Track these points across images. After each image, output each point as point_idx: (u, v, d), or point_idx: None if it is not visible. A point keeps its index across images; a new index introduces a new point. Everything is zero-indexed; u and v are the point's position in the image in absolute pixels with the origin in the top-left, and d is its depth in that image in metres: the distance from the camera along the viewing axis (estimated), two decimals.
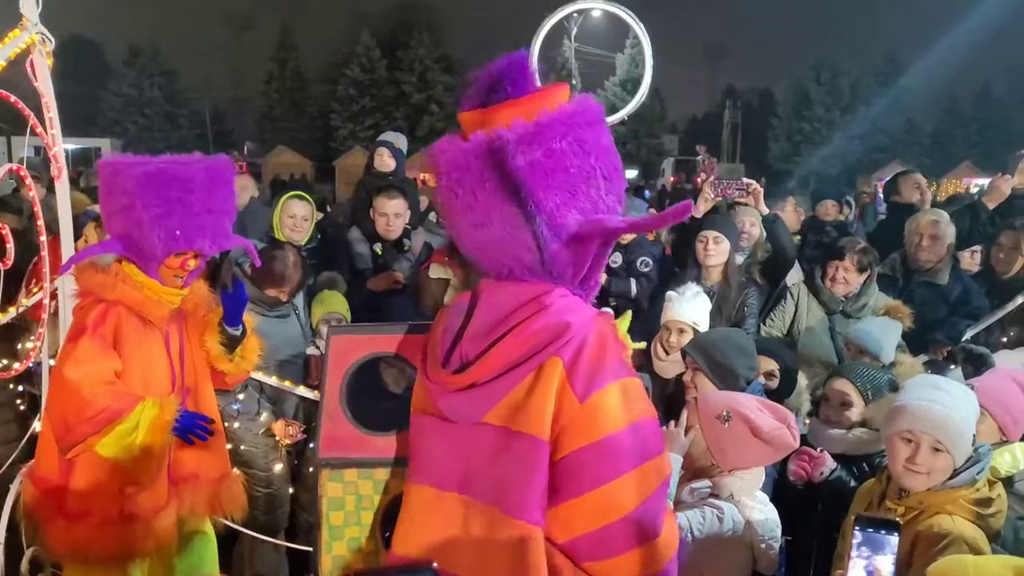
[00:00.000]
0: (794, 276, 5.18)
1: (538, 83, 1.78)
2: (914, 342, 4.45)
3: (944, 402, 2.47)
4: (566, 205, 1.69)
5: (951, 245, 5.10)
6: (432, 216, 6.95)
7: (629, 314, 3.30)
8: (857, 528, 1.66)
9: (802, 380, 3.81)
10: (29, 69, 3.16)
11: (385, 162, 6.33)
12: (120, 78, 51.65)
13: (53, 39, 3.21)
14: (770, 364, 3.73)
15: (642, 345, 4.01)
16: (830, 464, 2.97)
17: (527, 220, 1.67)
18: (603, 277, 5.35)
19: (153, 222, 2.79)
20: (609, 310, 2.00)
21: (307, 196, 5.41)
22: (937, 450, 2.45)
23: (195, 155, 3.00)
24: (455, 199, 1.73)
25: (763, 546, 2.67)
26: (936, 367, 4.11)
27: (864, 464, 3.17)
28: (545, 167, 1.66)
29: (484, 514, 1.79)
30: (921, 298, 4.88)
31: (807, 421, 3.48)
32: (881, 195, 7.71)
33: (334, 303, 4.52)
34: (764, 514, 2.64)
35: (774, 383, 3.69)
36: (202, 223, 2.87)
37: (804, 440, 2.87)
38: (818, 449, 3.15)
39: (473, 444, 1.79)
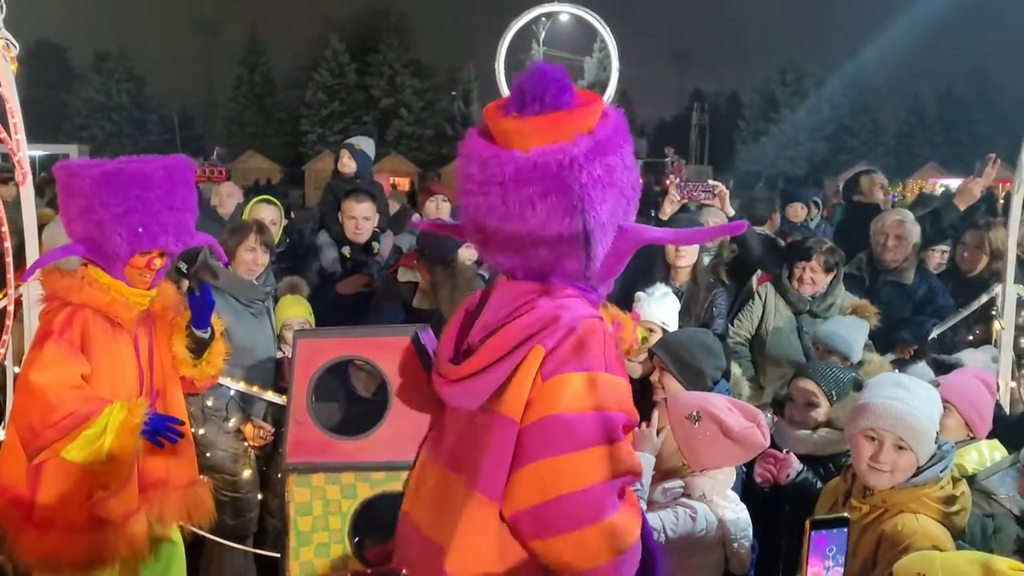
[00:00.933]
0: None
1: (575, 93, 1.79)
2: (880, 341, 4.52)
3: (906, 400, 2.50)
4: (612, 218, 1.76)
5: (916, 244, 5.17)
6: (415, 218, 6.93)
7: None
8: (812, 532, 1.79)
9: (736, 369, 3.83)
10: None
11: (346, 164, 6.34)
12: (87, 83, 51.01)
13: (17, 44, 3.18)
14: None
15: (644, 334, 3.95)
16: (796, 466, 2.99)
17: (584, 234, 1.71)
18: None
19: (114, 221, 2.77)
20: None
21: (275, 200, 5.39)
22: (900, 448, 2.48)
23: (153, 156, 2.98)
24: (504, 207, 1.73)
25: (735, 545, 2.68)
26: (903, 366, 4.16)
27: (830, 464, 3.19)
28: (603, 182, 1.72)
29: (457, 483, 1.87)
30: (887, 297, 4.94)
31: (774, 420, 3.50)
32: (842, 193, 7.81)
33: (296, 308, 4.50)
34: (736, 513, 2.66)
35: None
36: (164, 220, 2.85)
37: (771, 442, 2.89)
38: (784, 451, 3.18)
39: (473, 431, 1.86)
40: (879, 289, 5.06)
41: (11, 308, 3.22)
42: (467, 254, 5.15)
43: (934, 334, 4.81)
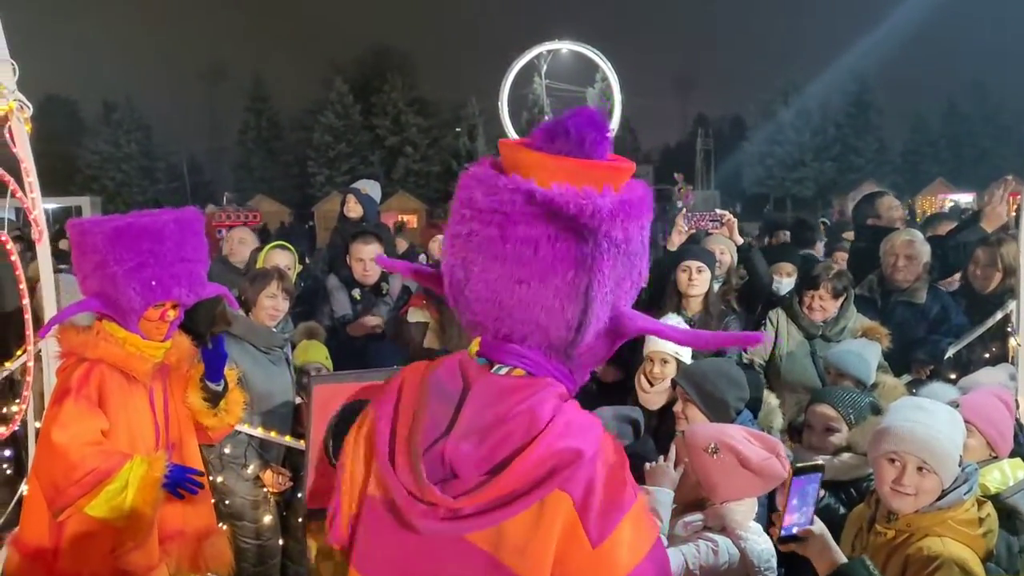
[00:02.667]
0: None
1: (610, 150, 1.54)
2: (895, 362, 4.49)
3: (928, 422, 2.49)
4: (612, 293, 1.53)
5: (927, 264, 5.16)
6: (422, 258, 6.99)
7: None
8: (795, 476, 2.15)
9: (772, 399, 3.78)
10: (8, 136, 3.19)
11: (352, 208, 6.40)
12: (96, 135, 51.67)
13: (31, 105, 3.25)
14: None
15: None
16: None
17: (584, 297, 1.48)
18: None
19: (127, 275, 2.81)
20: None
21: (289, 246, 5.44)
22: (923, 470, 2.46)
23: (163, 209, 3.04)
24: (503, 242, 1.48)
25: None
26: (919, 386, 4.14)
27: (852, 489, 3.18)
28: (618, 249, 1.49)
29: None
30: (900, 318, 4.92)
31: (791, 446, 3.48)
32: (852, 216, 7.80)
33: (314, 352, 4.52)
34: (759, 545, 2.63)
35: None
36: (176, 272, 2.90)
37: None
38: None
39: (448, 559, 1.51)
40: (892, 310, 5.04)
41: (31, 364, 3.25)
42: None
43: (949, 353, 4.78)
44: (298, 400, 4.33)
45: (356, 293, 5.19)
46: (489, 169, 1.54)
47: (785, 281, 5.59)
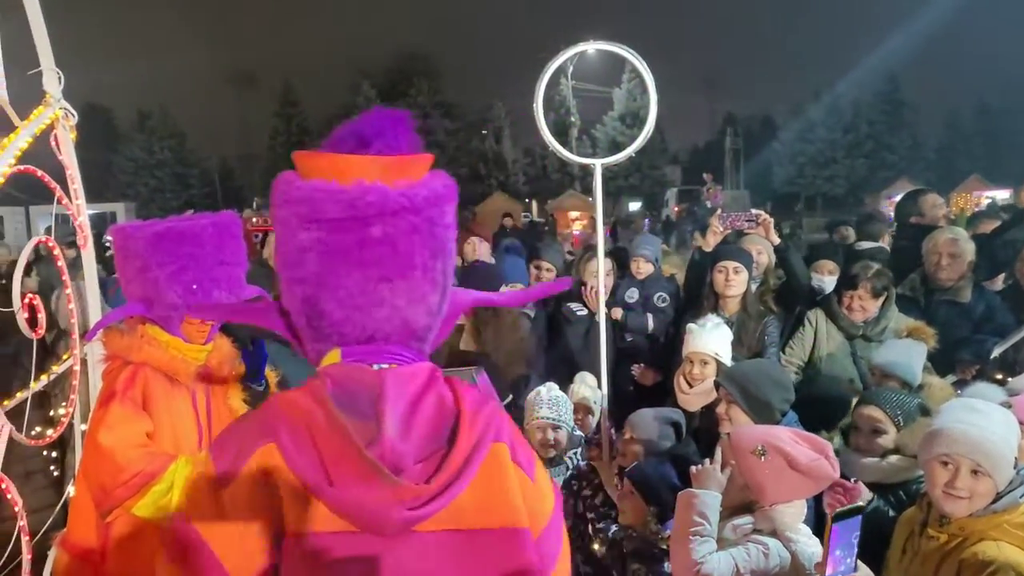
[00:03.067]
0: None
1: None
2: (940, 362, 4.42)
3: (982, 424, 2.44)
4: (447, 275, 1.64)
5: (971, 262, 5.07)
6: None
7: None
8: (835, 524, 2.13)
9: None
10: (53, 143, 3.23)
11: None
12: (130, 142, 52.48)
13: (76, 113, 3.29)
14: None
15: None
16: (866, 495, 2.93)
17: (442, 280, 1.60)
18: (619, 313, 5.44)
19: (169, 279, 2.84)
20: None
21: None
22: (978, 473, 2.41)
23: (201, 213, 3.06)
24: (358, 249, 1.51)
25: None
26: (964, 387, 4.07)
27: (901, 492, 3.13)
28: (447, 230, 1.61)
29: None
30: (944, 317, 4.85)
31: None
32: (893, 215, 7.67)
33: None
34: (810, 547, 2.60)
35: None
36: (216, 276, 2.92)
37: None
38: (852, 479, 3.11)
39: (407, 558, 1.47)
40: (935, 309, 4.96)
41: (77, 368, 3.30)
42: None
43: (995, 353, 4.69)
44: None
45: None
46: (320, 183, 1.53)
47: (827, 279, 5.53)
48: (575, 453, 3.95)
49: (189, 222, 2.94)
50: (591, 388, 4.47)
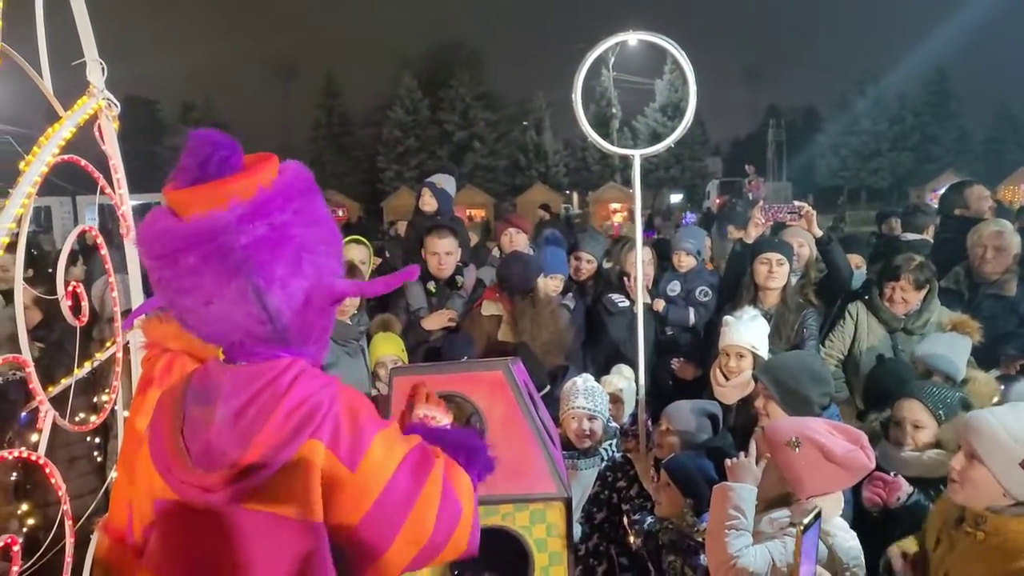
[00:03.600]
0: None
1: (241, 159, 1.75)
2: (984, 356, 4.33)
3: (1000, 415, 2.41)
4: (293, 274, 1.72)
5: (1017, 255, 4.97)
6: (496, 252, 7.02)
7: None
8: (804, 533, 2.09)
9: None
10: (97, 133, 3.28)
11: (427, 202, 6.46)
12: (174, 133, 53.26)
13: (118, 104, 3.34)
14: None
15: None
16: (906, 489, 2.89)
17: (256, 295, 1.68)
18: (661, 305, 5.42)
19: None
20: None
21: (365, 240, 5.50)
22: (973, 459, 2.39)
23: None
24: (177, 279, 1.70)
25: (847, 574, 2.59)
26: (1009, 382, 3.99)
27: (941, 486, 3.07)
28: (271, 241, 1.68)
29: None
30: (989, 311, 4.76)
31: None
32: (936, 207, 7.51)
33: (389, 345, 4.56)
34: (846, 541, 2.57)
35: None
36: None
37: (876, 465, 2.79)
38: (892, 474, 3.07)
39: (233, 532, 1.72)
40: (980, 303, 4.88)
41: (119, 355, 3.35)
42: (550, 284, 5.16)
43: None
44: (374, 392, 4.38)
45: (431, 286, 5.23)
46: (160, 215, 1.73)
47: (855, 273, 5.45)
48: (610, 444, 3.94)
49: None
50: (626, 380, 4.46)
